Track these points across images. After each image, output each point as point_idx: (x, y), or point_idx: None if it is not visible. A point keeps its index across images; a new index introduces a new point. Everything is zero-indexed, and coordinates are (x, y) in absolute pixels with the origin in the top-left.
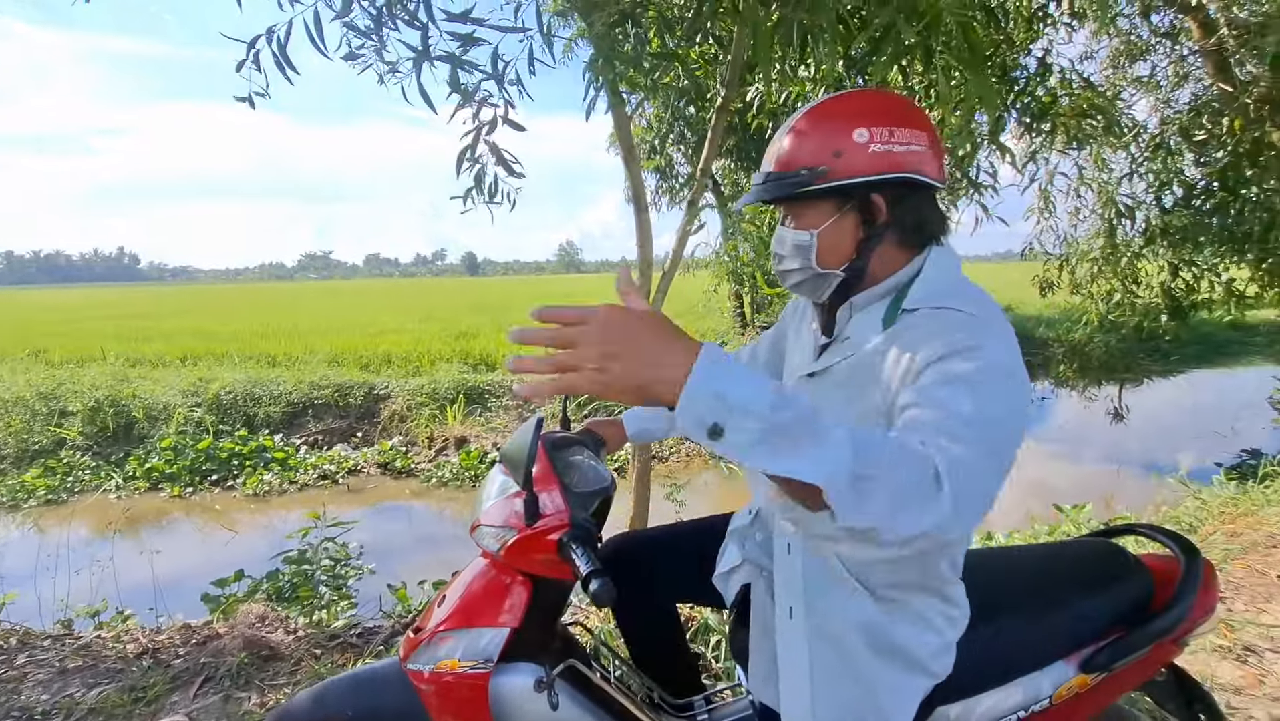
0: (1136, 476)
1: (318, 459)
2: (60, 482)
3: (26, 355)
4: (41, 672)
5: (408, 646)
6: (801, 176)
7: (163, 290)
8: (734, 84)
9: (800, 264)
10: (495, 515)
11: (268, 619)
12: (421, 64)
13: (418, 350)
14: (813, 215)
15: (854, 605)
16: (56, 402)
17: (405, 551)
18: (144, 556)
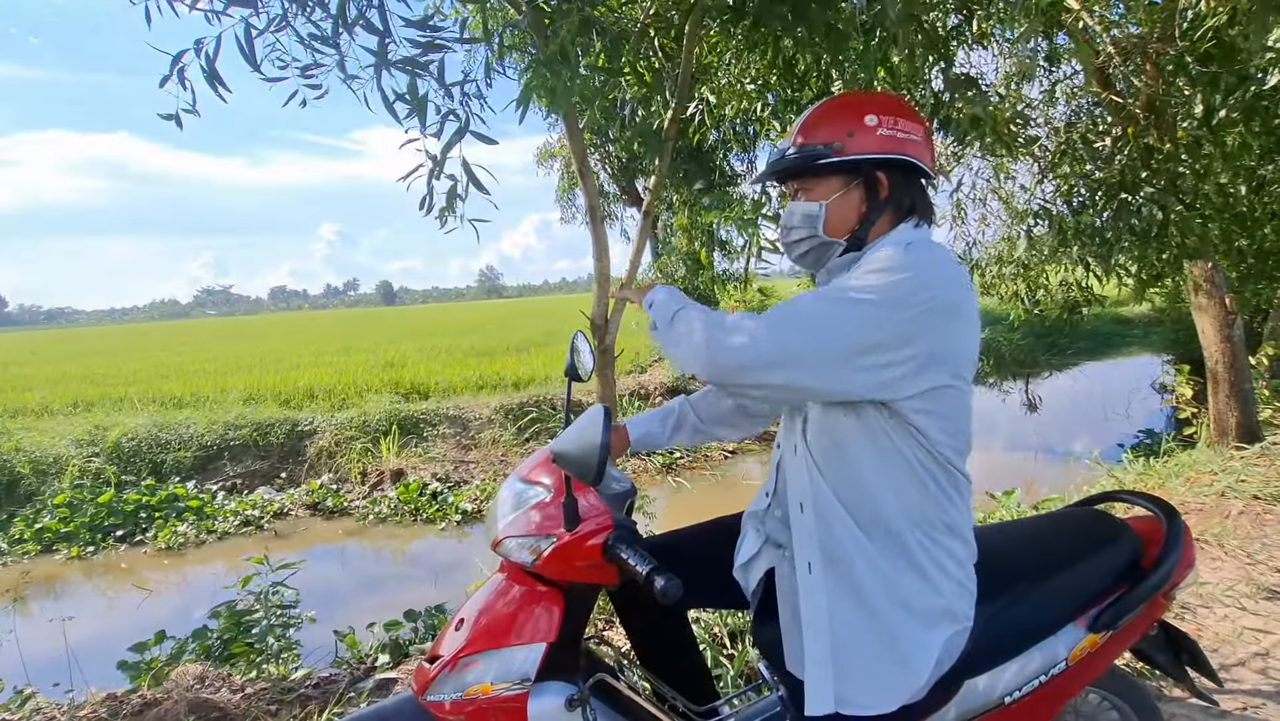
0: (1053, 461)
1: (238, 504)
2: None
3: None
4: None
5: (422, 678)
6: (818, 150)
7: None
8: (684, 96)
9: (808, 233)
10: (520, 526)
11: (208, 679)
12: (380, 70)
13: (342, 382)
14: (822, 188)
15: (871, 558)
16: None
17: (347, 595)
18: (48, 625)
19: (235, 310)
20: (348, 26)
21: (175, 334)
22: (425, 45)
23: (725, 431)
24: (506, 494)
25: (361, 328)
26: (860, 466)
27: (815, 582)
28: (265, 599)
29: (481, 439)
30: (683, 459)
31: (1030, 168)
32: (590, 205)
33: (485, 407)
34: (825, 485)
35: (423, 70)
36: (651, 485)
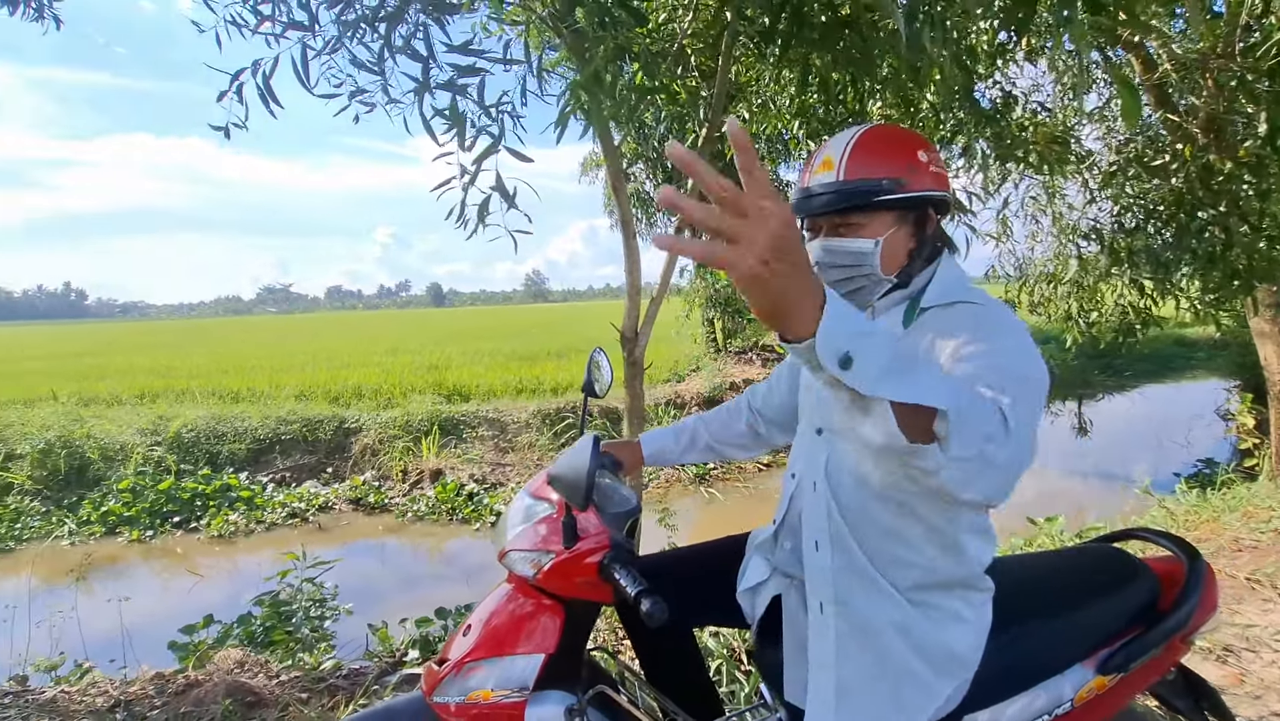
0: (1102, 488)
1: (286, 496)
2: (8, 530)
3: None
4: None
5: (431, 679)
6: (881, 185)
7: (113, 327)
8: (718, 114)
9: (860, 271)
10: (525, 540)
11: (247, 664)
12: (423, 94)
13: (388, 382)
14: (876, 225)
15: (886, 603)
16: (2, 446)
17: (382, 590)
18: (106, 605)
19: (294, 308)
20: (393, 53)
21: (237, 329)
22: (465, 69)
23: (736, 452)
24: (516, 507)
25: (410, 329)
26: (891, 519)
27: (826, 622)
28: (297, 594)
29: (518, 442)
30: (716, 470)
31: (1082, 185)
32: (623, 219)
33: (523, 411)
34: (846, 528)
35: (462, 92)
36: (684, 496)
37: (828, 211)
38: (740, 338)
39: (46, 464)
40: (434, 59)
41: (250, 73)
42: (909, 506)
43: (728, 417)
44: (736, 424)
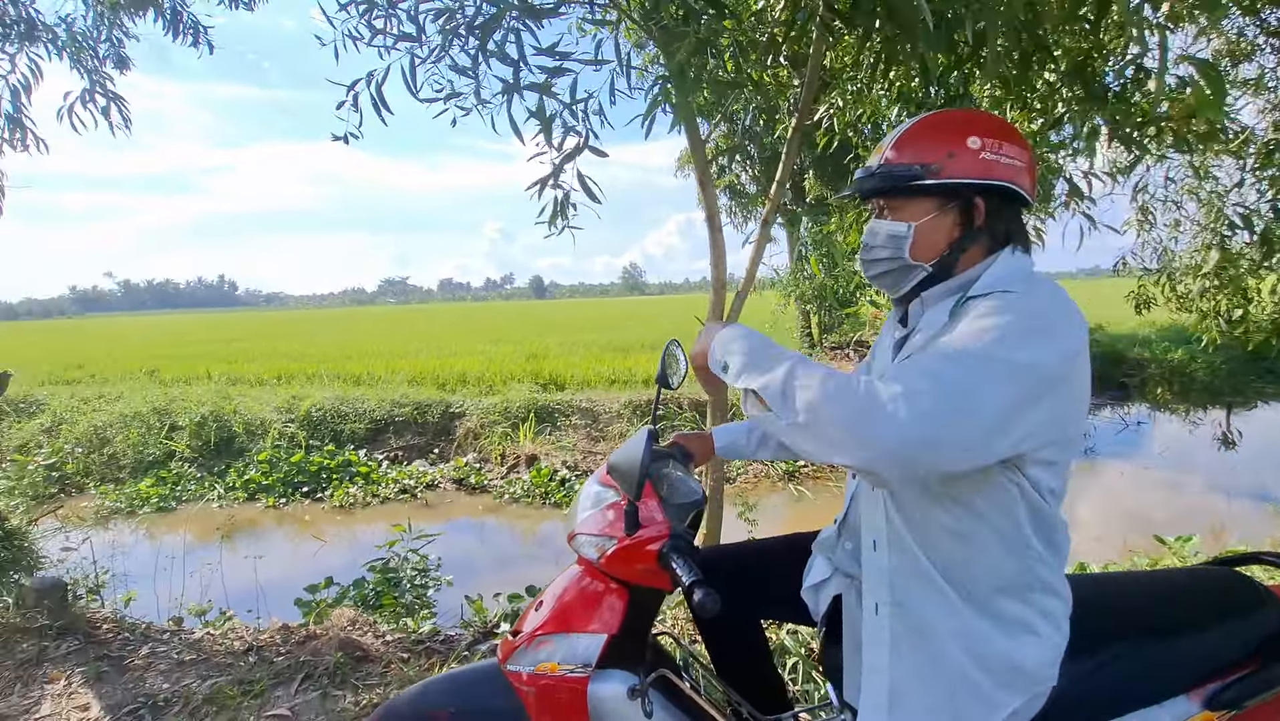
0: (1249, 507)
1: (398, 474)
2: (170, 492)
3: (142, 374)
4: (162, 664)
5: (506, 648)
6: (914, 170)
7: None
8: (808, 104)
9: (890, 254)
10: (592, 525)
11: (358, 623)
12: (511, 96)
13: (490, 370)
14: (913, 209)
15: (944, 607)
16: (168, 418)
17: (479, 565)
18: (244, 561)
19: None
20: (486, 58)
21: (360, 319)
22: (553, 70)
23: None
24: (586, 493)
25: (512, 319)
26: (948, 518)
27: (881, 624)
28: (402, 563)
29: (610, 431)
30: (806, 467)
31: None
32: (708, 213)
33: (615, 402)
34: (903, 526)
35: (549, 93)
36: (771, 492)
37: (871, 193)
38: (837, 333)
39: (201, 435)
40: (524, 62)
41: (365, 84)
42: (968, 503)
43: None
44: None
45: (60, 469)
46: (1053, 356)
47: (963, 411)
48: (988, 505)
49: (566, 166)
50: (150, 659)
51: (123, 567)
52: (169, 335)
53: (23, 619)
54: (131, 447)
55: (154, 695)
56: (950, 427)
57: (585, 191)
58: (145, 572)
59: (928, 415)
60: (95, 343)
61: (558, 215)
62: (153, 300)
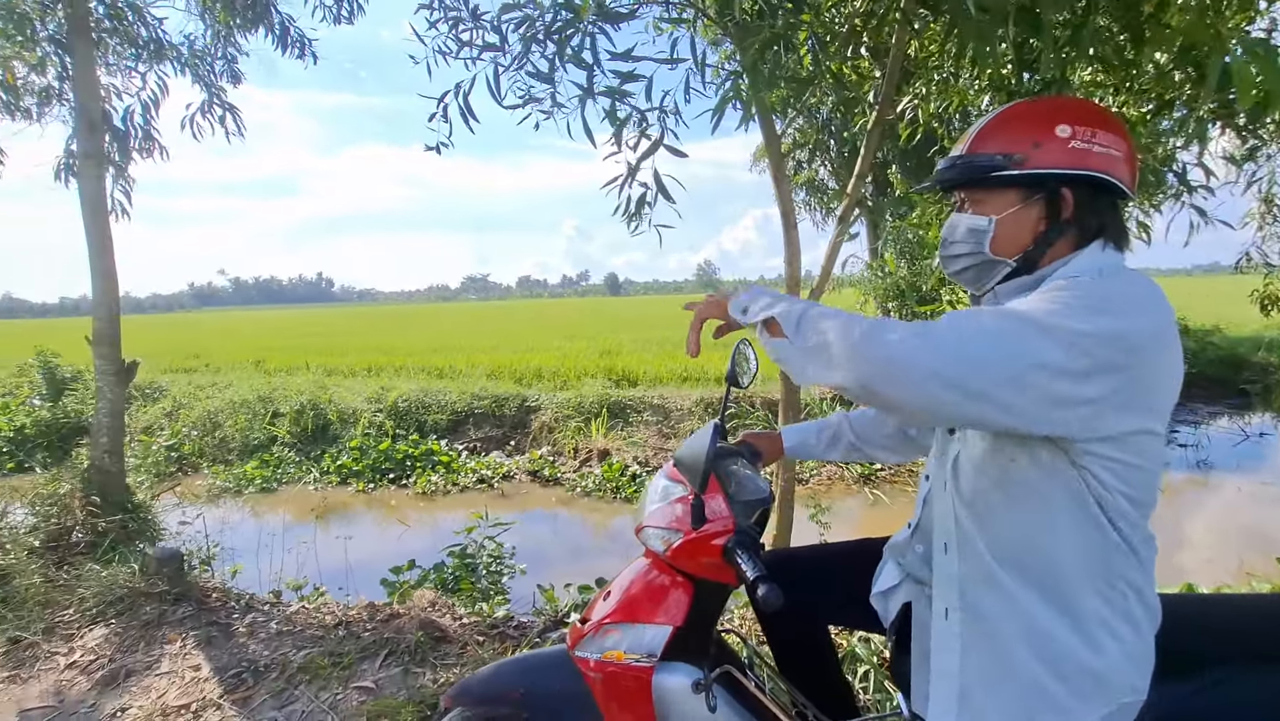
0: None
1: (477, 464)
2: (272, 474)
3: (249, 364)
4: (262, 632)
5: (574, 635)
6: (995, 161)
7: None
8: (889, 96)
9: (970, 249)
10: (660, 518)
11: (437, 605)
12: (585, 101)
13: (565, 365)
14: (995, 202)
15: (1015, 609)
16: (271, 405)
17: (551, 555)
18: (335, 541)
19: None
20: (563, 63)
21: (443, 314)
22: (626, 75)
23: (882, 454)
24: (654, 486)
25: (587, 316)
26: (1020, 511)
27: (950, 630)
28: (483, 548)
29: (681, 429)
30: (883, 470)
31: None
32: (783, 209)
33: (686, 399)
34: (974, 527)
35: (622, 97)
36: (846, 495)
37: (951, 185)
38: None
39: (300, 422)
40: (599, 66)
41: (453, 94)
42: (1036, 489)
43: (877, 416)
44: (884, 424)
45: (178, 449)
46: (1113, 331)
47: (982, 350)
48: (1062, 499)
49: (643, 165)
50: (252, 627)
51: (230, 542)
52: (273, 328)
53: (146, 584)
54: (239, 432)
55: (255, 661)
56: (961, 363)
57: (661, 190)
58: (249, 547)
59: (942, 345)
60: (210, 335)
61: (635, 214)
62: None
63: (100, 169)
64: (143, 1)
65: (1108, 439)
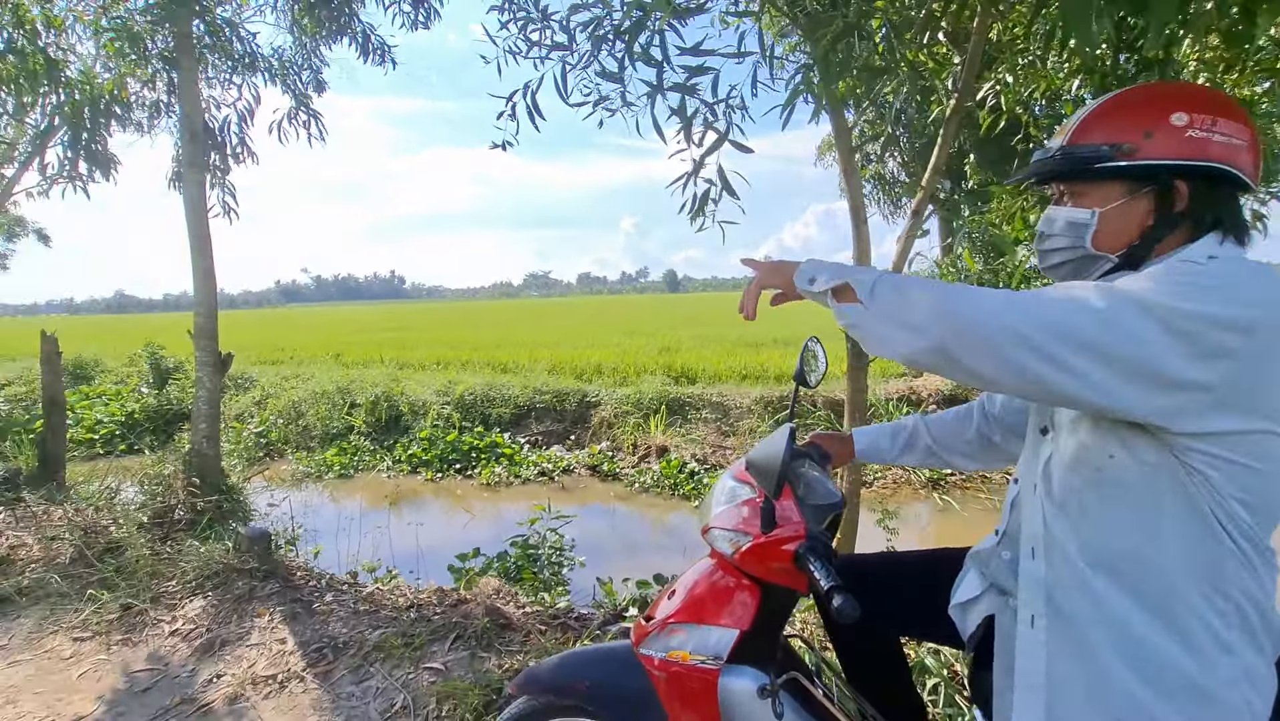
0: None
1: (538, 457)
2: (349, 461)
3: (329, 357)
4: (341, 611)
5: (639, 631)
6: (1100, 152)
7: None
8: (970, 83)
9: (1069, 243)
10: (727, 519)
11: (501, 593)
12: (655, 97)
13: (624, 362)
14: (1098, 194)
15: (1108, 612)
16: (348, 396)
17: (610, 549)
18: (407, 527)
19: (551, 292)
20: (632, 61)
21: (506, 311)
22: (695, 70)
23: (960, 460)
24: (720, 487)
25: (646, 313)
26: (1116, 512)
27: (1036, 638)
28: (544, 539)
29: (740, 427)
30: (954, 475)
31: None
32: (852, 204)
33: (746, 397)
34: (1064, 530)
35: (691, 92)
36: (913, 500)
37: (1049, 177)
38: None
39: (374, 412)
40: (668, 62)
41: (521, 94)
42: (1135, 488)
43: (956, 421)
44: (965, 429)
45: (267, 436)
46: (1224, 316)
47: (1073, 320)
48: (1167, 500)
49: (707, 161)
50: (332, 605)
51: (311, 524)
52: (350, 324)
53: (239, 560)
54: (320, 421)
55: (335, 637)
56: (1048, 329)
57: (725, 186)
58: (329, 529)
59: (1030, 311)
60: (294, 329)
61: (700, 210)
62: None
63: (201, 175)
64: (238, 17)
65: (1215, 435)
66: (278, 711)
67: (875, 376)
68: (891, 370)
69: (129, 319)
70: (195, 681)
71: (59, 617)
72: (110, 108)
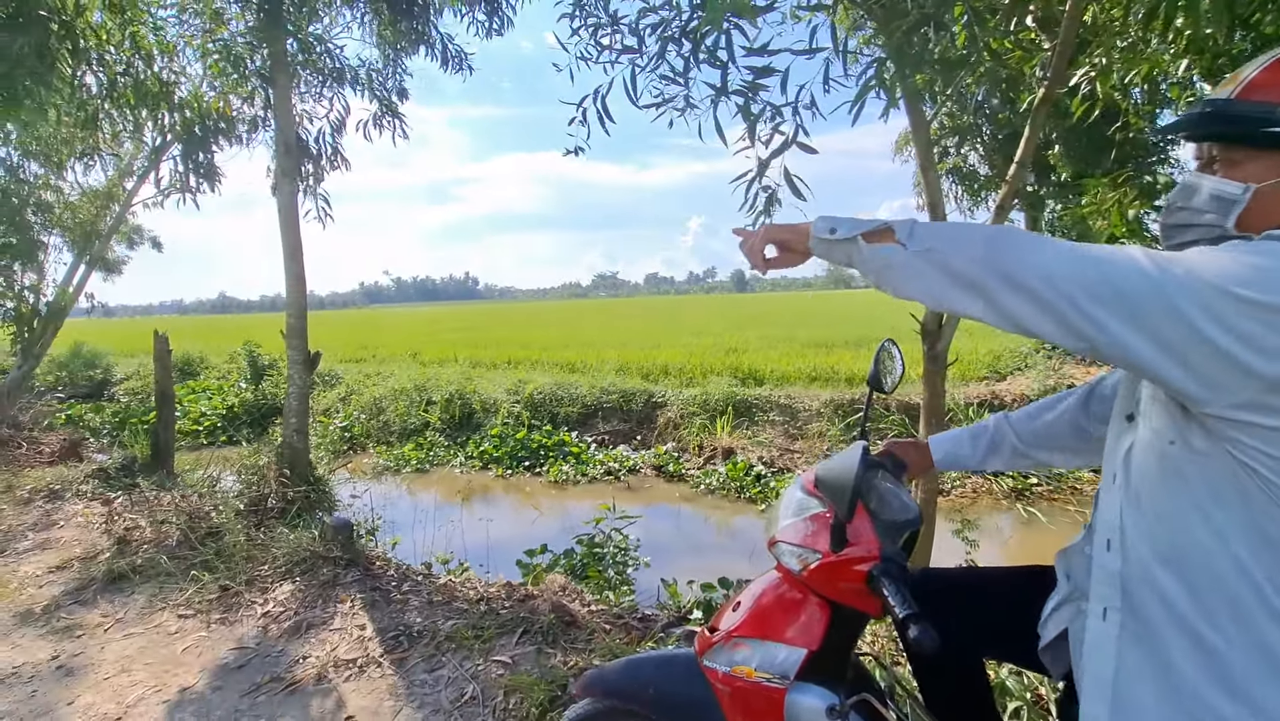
0: None
1: (605, 456)
2: (425, 456)
3: (407, 356)
4: (416, 600)
5: (703, 642)
6: (1275, 113)
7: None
8: (1061, 70)
9: (1211, 220)
10: (794, 533)
11: (567, 590)
12: (718, 100)
13: (691, 363)
14: (1257, 166)
15: (1177, 612)
16: (425, 394)
17: (675, 550)
18: (478, 522)
19: (619, 292)
20: (698, 63)
21: (575, 311)
22: (761, 70)
23: (1053, 456)
24: (788, 498)
25: (714, 313)
26: (1177, 504)
27: (1107, 632)
28: (610, 539)
29: (808, 430)
30: (1039, 485)
31: None
32: (930, 201)
33: (815, 400)
34: (1136, 521)
35: (755, 93)
36: (994, 510)
37: (1204, 136)
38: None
39: (449, 409)
40: (734, 62)
41: (591, 99)
42: (1190, 479)
43: (1045, 414)
44: (1057, 421)
45: (350, 430)
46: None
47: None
48: (1225, 493)
49: (773, 162)
50: (408, 595)
51: (390, 516)
52: (427, 324)
53: (324, 548)
54: (399, 417)
55: (410, 626)
56: (1105, 285)
57: (792, 189)
58: (405, 521)
59: (1086, 262)
60: (375, 329)
61: (765, 210)
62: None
63: (294, 185)
64: (327, 34)
65: (1262, 429)
66: (358, 694)
67: (953, 380)
68: (971, 374)
69: (230, 319)
70: (283, 661)
71: (166, 595)
72: (216, 124)
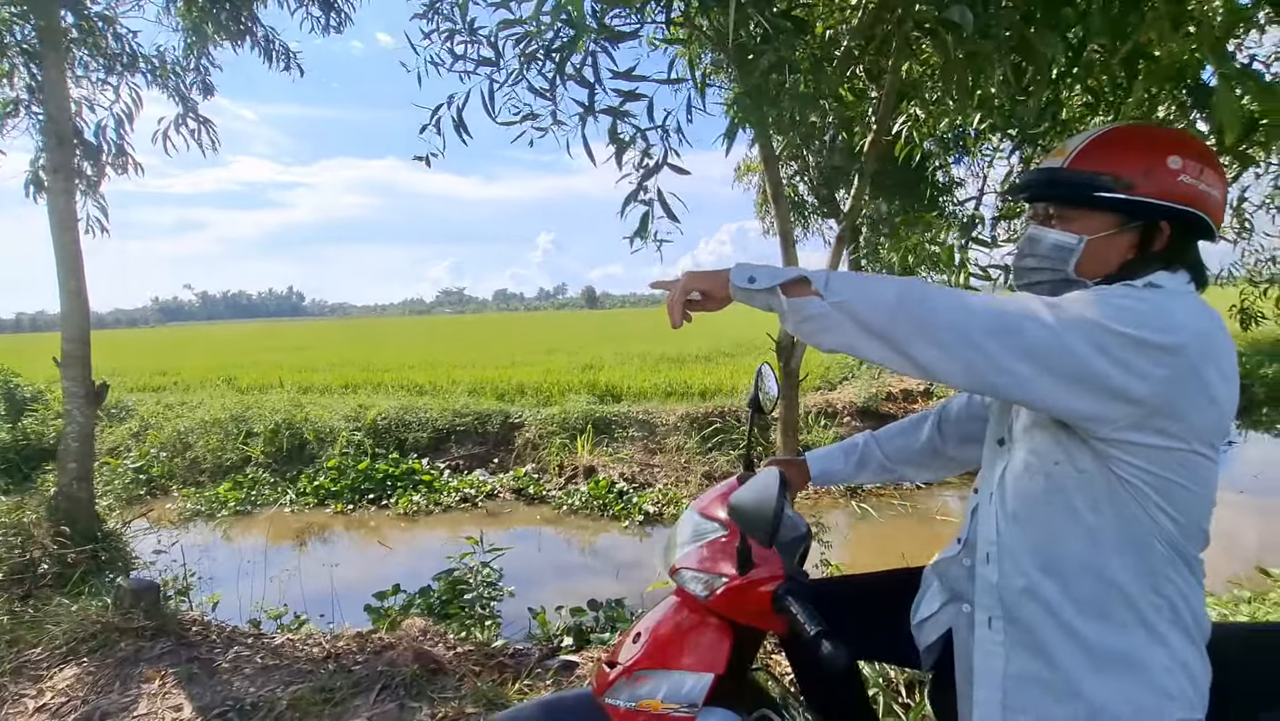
0: None
1: (459, 482)
2: (247, 495)
3: (220, 381)
4: (247, 667)
5: (601, 679)
6: (1100, 180)
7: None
8: (886, 118)
9: (1053, 265)
10: (696, 559)
11: (429, 633)
12: (586, 119)
13: (547, 381)
14: (1089, 222)
15: (1059, 617)
16: (244, 424)
17: (540, 575)
18: (317, 566)
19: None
20: (564, 81)
21: (419, 328)
22: (628, 94)
23: (913, 471)
24: (685, 525)
25: (566, 330)
26: (1060, 520)
27: (994, 637)
28: (476, 573)
29: (667, 444)
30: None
31: None
32: (782, 231)
33: (672, 415)
34: (1016, 537)
35: (623, 116)
36: (834, 509)
37: (1044, 197)
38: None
39: (275, 441)
40: (600, 84)
41: (446, 107)
42: (1074, 497)
43: (905, 433)
44: (914, 440)
45: (147, 472)
46: (1148, 338)
47: (1010, 324)
48: (1104, 508)
49: (647, 184)
50: (236, 662)
51: (206, 570)
52: (243, 344)
53: (121, 618)
54: (211, 452)
55: (241, 699)
56: (1001, 335)
57: (666, 210)
58: (227, 574)
59: (978, 313)
60: (177, 351)
61: (642, 230)
62: (227, 310)
63: (70, 184)
64: (113, 12)
65: (1141, 448)
66: None
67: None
68: (807, 385)
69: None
70: None
71: None
72: None
